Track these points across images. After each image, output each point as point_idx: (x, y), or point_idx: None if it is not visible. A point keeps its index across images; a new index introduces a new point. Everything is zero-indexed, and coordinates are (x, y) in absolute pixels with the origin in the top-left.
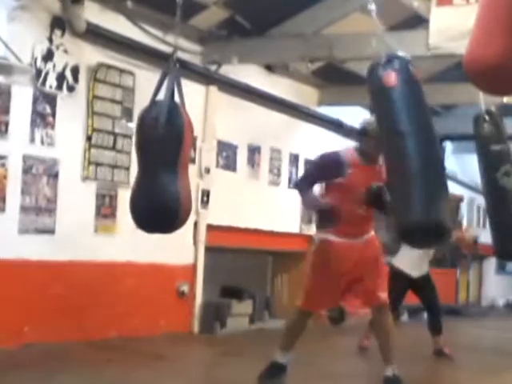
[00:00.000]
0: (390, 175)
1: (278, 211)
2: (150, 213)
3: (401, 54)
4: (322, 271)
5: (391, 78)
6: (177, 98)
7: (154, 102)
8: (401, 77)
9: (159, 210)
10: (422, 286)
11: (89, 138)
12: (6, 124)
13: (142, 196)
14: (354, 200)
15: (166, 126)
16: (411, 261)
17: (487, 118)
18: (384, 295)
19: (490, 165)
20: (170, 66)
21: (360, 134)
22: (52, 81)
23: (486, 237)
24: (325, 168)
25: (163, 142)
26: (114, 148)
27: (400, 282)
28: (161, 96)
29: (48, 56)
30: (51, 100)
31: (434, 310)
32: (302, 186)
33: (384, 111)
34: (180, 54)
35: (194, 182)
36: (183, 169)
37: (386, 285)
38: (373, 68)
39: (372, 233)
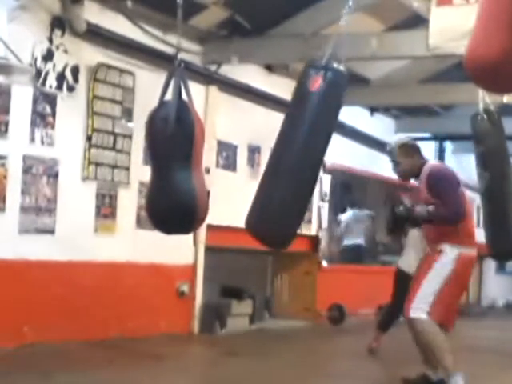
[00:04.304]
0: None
1: None
2: (167, 213)
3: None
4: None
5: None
6: (185, 97)
7: (162, 102)
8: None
9: (177, 209)
10: None
11: (89, 138)
12: (6, 124)
13: (159, 197)
14: None
15: (176, 124)
16: (416, 261)
17: (478, 118)
18: (407, 306)
19: (476, 166)
20: (175, 67)
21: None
22: (52, 81)
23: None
24: None
25: (175, 140)
26: (113, 148)
27: (405, 282)
28: (167, 98)
29: (48, 56)
30: (51, 100)
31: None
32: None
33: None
34: (180, 54)
35: None
36: (197, 166)
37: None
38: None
39: (439, 245)
